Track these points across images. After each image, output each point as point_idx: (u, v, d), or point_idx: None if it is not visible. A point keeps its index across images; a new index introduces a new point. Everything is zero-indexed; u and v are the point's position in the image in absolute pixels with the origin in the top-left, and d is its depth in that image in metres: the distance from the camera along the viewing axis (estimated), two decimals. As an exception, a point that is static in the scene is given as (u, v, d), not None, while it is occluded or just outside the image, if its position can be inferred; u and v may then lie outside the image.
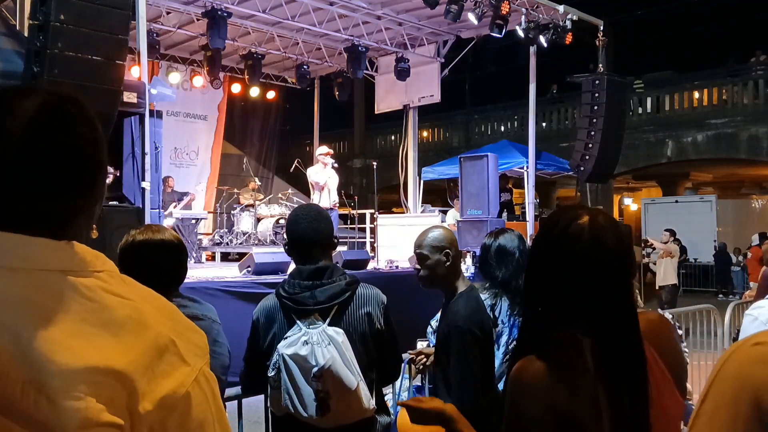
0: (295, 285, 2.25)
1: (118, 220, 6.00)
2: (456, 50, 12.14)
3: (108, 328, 0.81)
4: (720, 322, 6.12)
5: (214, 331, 2.37)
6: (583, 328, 1.27)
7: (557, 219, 1.35)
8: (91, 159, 0.88)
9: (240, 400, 2.68)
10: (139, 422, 0.79)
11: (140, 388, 0.79)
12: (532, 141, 11.16)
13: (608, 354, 1.24)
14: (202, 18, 9.96)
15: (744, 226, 18.57)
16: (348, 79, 12.56)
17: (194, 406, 0.84)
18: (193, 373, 0.85)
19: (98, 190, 0.90)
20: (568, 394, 1.21)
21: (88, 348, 0.78)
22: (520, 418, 1.25)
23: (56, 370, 0.76)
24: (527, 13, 10.14)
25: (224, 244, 11.18)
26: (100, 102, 5.68)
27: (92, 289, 0.83)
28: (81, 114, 0.89)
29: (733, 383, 0.76)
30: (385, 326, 2.33)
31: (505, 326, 2.89)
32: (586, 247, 1.28)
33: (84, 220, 0.89)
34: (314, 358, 2.12)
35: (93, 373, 0.77)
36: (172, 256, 2.26)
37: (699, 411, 0.79)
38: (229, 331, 2.78)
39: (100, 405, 0.77)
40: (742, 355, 0.78)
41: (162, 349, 0.83)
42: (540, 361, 1.25)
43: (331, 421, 2.17)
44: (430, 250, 2.52)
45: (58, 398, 0.75)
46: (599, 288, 1.27)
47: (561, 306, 1.30)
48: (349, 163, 24.05)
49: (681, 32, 25.53)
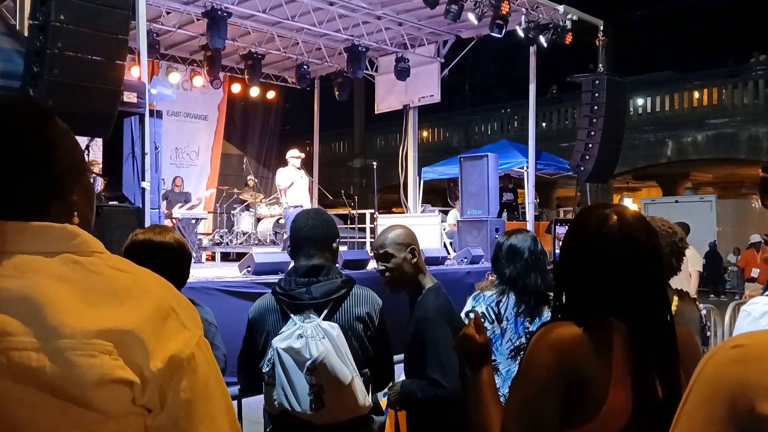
0: (291, 281, 2.26)
1: (118, 220, 5.99)
2: (456, 50, 12.14)
3: (115, 294, 0.86)
4: (720, 322, 6.13)
5: (210, 334, 2.37)
6: (614, 314, 1.32)
7: (587, 220, 1.39)
8: (38, 136, 0.91)
9: (240, 400, 2.69)
10: (150, 380, 0.84)
11: (150, 347, 0.85)
12: (532, 141, 11.16)
13: (642, 340, 1.29)
14: (202, 18, 9.96)
15: (744, 226, 18.55)
16: (348, 79, 12.56)
17: (199, 366, 0.90)
18: (195, 338, 0.91)
19: (61, 180, 0.93)
20: (583, 357, 1.26)
21: (98, 313, 0.83)
22: (534, 366, 1.30)
23: (69, 332, 0.80)
24: (527, 13, 10.14)
25: (224, 244, 11.18)
26: (100, 102, 5.68)
27: (96, 264, 0.89)
28: (33, 122, 0.93)
29: (710, 384, 0.77)
30: (378, 328, 2.32)
31: (510, 323, 2.91)
32: (618, 247, 1.32)
33: (60, 207, 0.93)
34: (308, 351, 2.11)
35: (105, 334, 0.82)
36: (171, 259, 2.25)
37: (680, 412, 0.80)
38: (229, 331, 2.78)
39: (114, 361, 0.81)
40: (720, 356, 0.79)
41: (165, 314, 0.89)
42: (567, 326, 1.31)
43: (326, 417, 2.15)
44: (395, 248, 2.48)
45: (73, 357, 0.80)
46: (634, 284, 1.32)
47: (591, 299, 1.34)
48: (349, 163, 24.07)
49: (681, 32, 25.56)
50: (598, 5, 12.14)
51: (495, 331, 2.91)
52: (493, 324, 2.92)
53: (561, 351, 1.27)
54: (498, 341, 2.90)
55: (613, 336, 1.29)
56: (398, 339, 2.52)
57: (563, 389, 1.25)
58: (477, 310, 2.94)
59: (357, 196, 13.06)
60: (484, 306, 2.96)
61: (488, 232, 9.51)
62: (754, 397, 0.71)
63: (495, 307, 2.94)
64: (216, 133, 14.20)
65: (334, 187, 15.62)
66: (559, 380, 1.25)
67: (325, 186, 13.98)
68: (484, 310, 2.94)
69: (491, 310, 2.94)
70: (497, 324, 2.92)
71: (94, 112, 5.68)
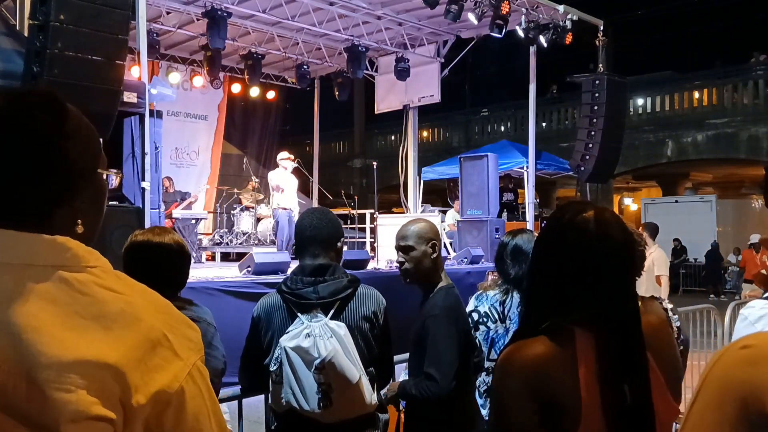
0: (298, 281, 2.27)
1: (118, 220, 6.00)
2: (456, 50, 12.14)
3: (100, 321, 0.80)
4: (720, 322, 6.12)
5: (209, 334, 2.37)
6: (580, 320, 1.30)
7: (563, 212, 1.38)
8: (50, 143, 0.86)
9: (240, 400, 2.68)
10: (132, 416, 0.79)
11: (133, 382, 0.79)
12: (532, 141, 11.16)
13: (609, 346, 1.27)
14: (202, 18, 9.96)
15: (744, 226, 18.56)
16: (348, 79, 12.56)
17: (188, 401, 0.84)
18: (187, 368, 0.85)
19: (69, 181, 0.88)
20: (550, 378, 1.24)
21: (80, 341, 0.78)
22: (504, 396, 1.28)
23: (47, 362, 0.76)
24: (527, 13, 10.14)
25: (224, 244, 11.18)
26: (100, 102, 5.68)
27: (85, 284, 0.83)
28: (44, 102, 0.88)
29: (719, 386, 0.77)
30: (382, 327, 2.34)
31: (513, 323, 2.92)
32: (592, 239, 1.31)
33: (66, 214, 0.88)
34: (316, 350, 2.13)
35: (84, 366, 0.77)
36: (170, 260, 2.25)
37: (688, 414, 0.80)
38: (229, 331, 2.78)
39: (91, 398, 0.76)
40: (729, 357, 0.78)
41: (155, 342, 0.83)
42: (529, 345, 1.29)
43: (334, 416, 2.16)
44: (417, 241, 2.49)
45: (49, 390, 0.75)
46: (603, 280, 1.30)
47: (561, 297, 1.32)
48: (349, 163, 24.06)
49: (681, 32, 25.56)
50: (598, 5, 12.15)
51: (498, 330, 2.92)
52: (496, 324, 2.93)
53: (527, 376, 1.25)
54: (501, 340, 2.91)
55: (577, 346, 1.27)
56: (400, 339, 2.52)
57: (538, 412, 1.24)
58: (480, 309, 2.96)
59: (357, 196, 13.06)
60: (488, 306, 2.97)
61: (488, 232, 9.51)
62: (765, 398, 0.71)
63: (499, 307, 2.95)
64: (216, 133, 14.19)
65: (334, 187, 15.63)
66: (531, 405, 1.24)
67: (325, 186, 13.98)
68: (487, 309, 2.96)
69: (494, 310, 2.95)
70: (500, 324, 2.93)
71: (94, 112, 5.67)
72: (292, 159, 9.97)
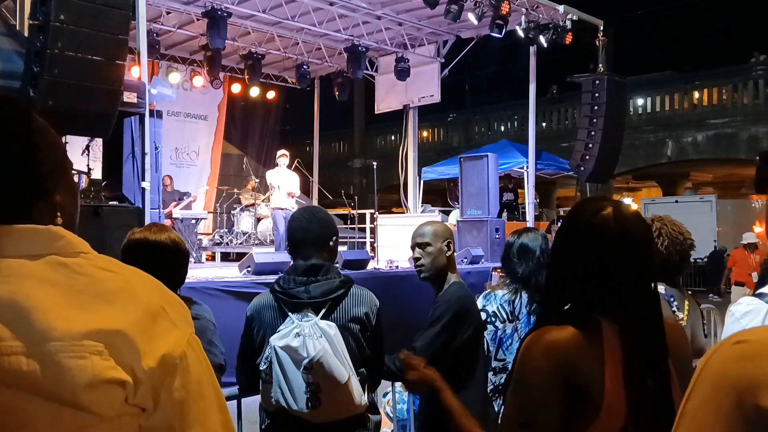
0: (290, 280, 2.27)
1: (118, 220, 6.00)
2: (456, 50, 12.15)
3: (102, 297, 0.85)
4: (720, 322, 6.12)
5: (209, 332, 2.37)
6: (604, 313, 1.31)
7: (581, 212, 1.39)
8: (23, 139, 0.89)
9: (239, 400, 2.68)
10: (142, 380, 0.83)
11: (141, 347, 0.83)
12: (532, 141, 11.16)
13: (635, 339, 1.28)
14: (202, 18, 9.96)
15: (744, 226, 18.54)
16: (348, 79, 12.56)
17: (191, 366, 0.89)
18: (186, 336, 0.90)
19: (45, 176, 0.91)
20: (578, 363, 1.25)
21: (87, 315, 0.82)
22: (528, 374, 1.28)
23: (58, 335, 0.79)
24: (527, 13, 10.15)
25: (224, 244, 11.19)
26: (100, 102, 5.68)
27: (82, 266, 0.87)
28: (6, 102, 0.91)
29: (714, 381, 0.76)
30: (374, 328, 2.33)
31: (522, 322, 2.93)
32: (613, 237, 1.32)
33: (45, 208, 0.91)
34: (305, 350, 2.12)
35: (96, 334, 0.81)
36: (166, 258, 2.25)
37: (683, 410, 0.79)
38: (229, 330, 2.78)
39: (105, 362, 0.80)
40: (723, 353, 0.78)
41: (155, 314, 0.88)
42: (558, 329, 1.29)
43: (323, 416, 2.16)
44: (434, 238, 2.65)
45: (63, 360, 0.79)
46: (628, 278, 1.31)
47: (585, 294, 1.33)
48: (349, 163, 24.07)
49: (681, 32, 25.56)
50: (598, 5, 12.14)
51: (506, 330, 2.93)
52: (504, 323, 2.94)
53: (555, 356, 1.25)
54: (509, 340, 2.91)
55: (604, 337, 1.28)
56: (396, 339, 2.52)
57: (560, 395, 1.24)
58: (488, 308, 2.98)
59: (357, 196, 13.07)
60: (496, 305, 2.98)
61: (488, 232, 9.51)
62: (761, 393, 0.71)
63: (508, 306, 2.96)
64: (216, 133, 14.20)
65: (334, 187, 15.63)
66: (555, 386, 1.24)
67: (325, 186, 13.99)
68: (495, 309, 2.96)
69: (503, 309, 2.96)
70: (509, 323, 2.94)
71: (94, 112, 5.68)
72: (285, 154, 10.01)
